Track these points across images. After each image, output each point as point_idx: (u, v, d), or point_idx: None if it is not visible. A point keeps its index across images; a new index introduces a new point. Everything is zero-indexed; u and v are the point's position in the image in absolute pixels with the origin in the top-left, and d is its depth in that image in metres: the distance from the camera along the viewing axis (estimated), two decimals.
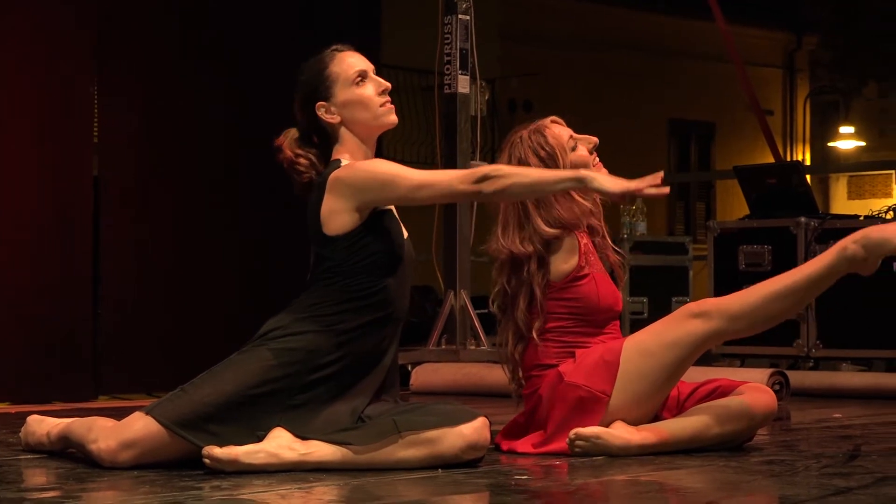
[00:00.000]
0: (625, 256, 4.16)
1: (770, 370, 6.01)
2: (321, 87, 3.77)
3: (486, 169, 3.63)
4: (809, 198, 7.39)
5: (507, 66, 16.39)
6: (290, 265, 7.05)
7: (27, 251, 6.28)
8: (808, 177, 7.93)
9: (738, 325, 3.88)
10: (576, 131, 4.15)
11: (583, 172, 3.70)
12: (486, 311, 7.78)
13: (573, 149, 4.04)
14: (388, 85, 3.81)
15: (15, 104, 6.27)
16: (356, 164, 3.70)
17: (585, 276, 3.98)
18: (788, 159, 18.52)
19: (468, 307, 6.92)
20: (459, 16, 7.01)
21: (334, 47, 3.84)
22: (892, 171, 21.46)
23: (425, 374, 6.70)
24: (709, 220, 8.48)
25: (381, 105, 3.77)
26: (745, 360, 7.20)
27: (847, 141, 22.17)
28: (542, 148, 4.00)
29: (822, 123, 23.23)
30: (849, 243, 3.75)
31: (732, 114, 19.81)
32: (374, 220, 3.67)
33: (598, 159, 4.10)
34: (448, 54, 7.00)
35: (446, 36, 7.01)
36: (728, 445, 3.94)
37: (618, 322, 4.08)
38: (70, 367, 6.36)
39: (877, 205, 8.14)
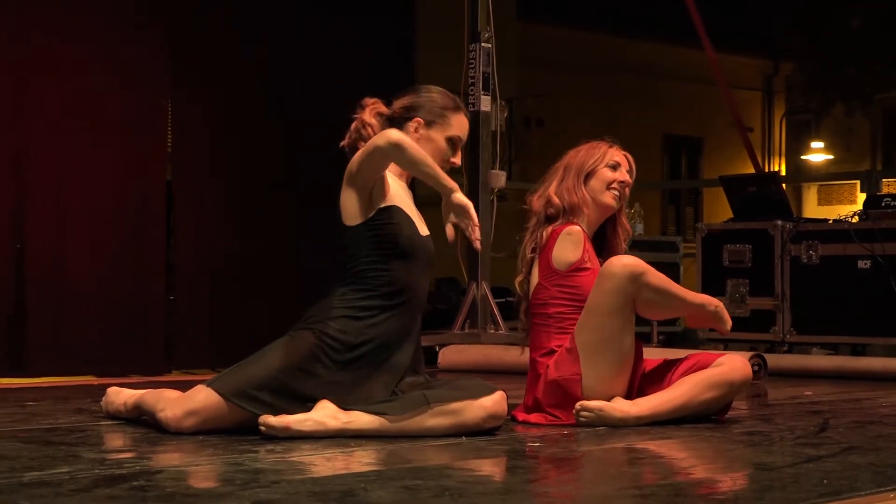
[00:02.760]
0: None
1: (750, 353, 5.98)
2: (431, 115, 3.79)
3: (390, 135, 3.58)
4: (785, 204, 7.35)
5: (523, 88, 16.35)
6: (338, 258, 7.07)
7: (109, 245, 6.30)
8: (783, 185, 7.87)
9: (641, 295, 3.80)
10: (579, 143, 4.16)
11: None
12: (504, 299, 7.78)
13: (592, 173, 4.06)
14: (458, 164, 3.85)
15: (100, 119, 6.31)
16: None
17: (588, 269, 3.97)
18: (767, 170, 18.43)
19: (488, 296, 6.91)
20: (482, 44, 7.00)
21: (461, 104, 3.88)
22: (857, 181, 21.32)
23: (451, 355, 6.69)
24: (697, 223, 8.43)
25: (443, 164, 3.77)
26: (728, 345, 7.16)
27: (818, 154, 22.08)
28: (574, 158, 4.07)
29: (796, 139, 23.14)
30: (712, 304, 3.90)
31: (718, 130, 19.74)
32: (384, 215, 3.64)
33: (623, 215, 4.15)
34: (472, 77, 6.99)
35: (471, 61, 7.00)
36: (713, 410, 3.92)
37: None
38: (146, 346, 6.38)
39: (843, 210, 8.08)
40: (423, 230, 3.75)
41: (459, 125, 3.82)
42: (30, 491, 2.55)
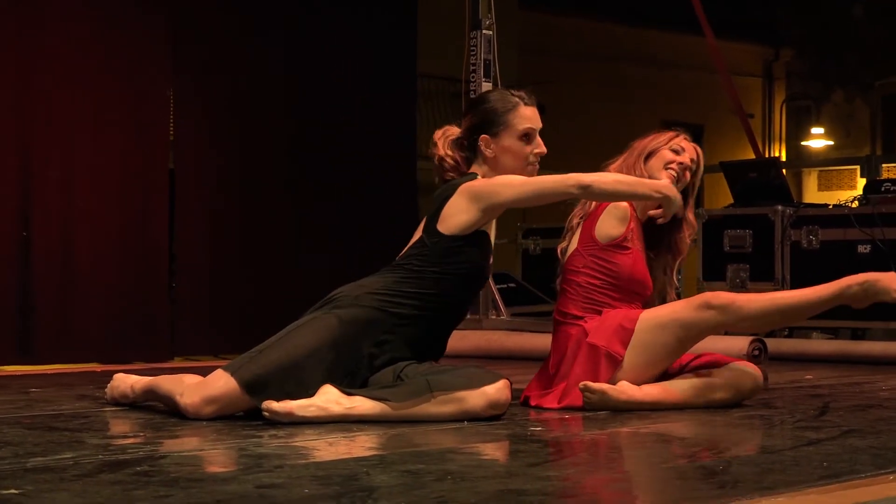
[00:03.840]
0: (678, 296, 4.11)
1: (751, 337, 5.96)
2: (493, 125, 3.77)
3: (579, 177, 3.62)
4: (785, 189, 7.34)
5: (524, 75, 16.34)
6: (340, 247, 7.09)
7: (114, 234, 6.32)
8: (783, 171, 7.86)
9: (743, 325, 3.87)
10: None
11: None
12: (505, 286, 7.77)
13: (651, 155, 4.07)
14: (545, 150, 3.80)
15: (104, 109, 6.33)
16: (488, 179, 3.71)
17: (628, 248, 3.94)
18: (767, 156, 18.42)
19: (490, 283, 6.91)
20: (483, 31, 6.99)
21: (521, 95, 3.82)
22: (856, 167, 21.34)
23: (453, 340, 6.56)
24: (698, 208, 8.42)
25: (528, 165, 3.76)
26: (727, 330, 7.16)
27: (818, 140, 22.10)
28: (641, 141, 4.06)
29: (797, 125, 23.15)
30: (853, 284, 3.77)
31: (718, 116, 19.73)
32: (476, 239, 3.65)
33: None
34: (474, 64, 6.98)
35: (472, 49, 6.99)
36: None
37: (640, 304, 4.00)
38: (149, 333, 6.40)
39: (843, 196, 8.08)
40: (491, 257, 3.76)
41: (524, 118, 3.77)
42: (34, 476, 2.55)
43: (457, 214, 3.62)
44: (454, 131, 3.85)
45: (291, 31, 7.08)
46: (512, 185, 3.63)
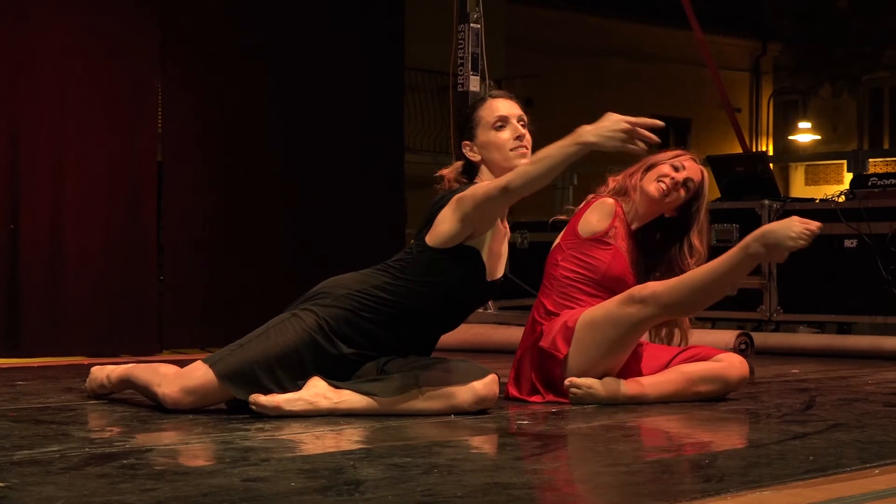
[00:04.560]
0: None
1: (737, 331, 5.99)
2: (468, 128, 3.72)
3: (504, 179, 3.46)
4: (772, 183, 7.35)
5: (512, 69, 16.34)
6: (328, 241, 7.08)
7: (101, 227, 6.30)
8: (770, 165, 7.87)
9: (669, 312, 3.78)
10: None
11: (581, 138, 3.37)
12: None
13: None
14: (524, 132, 3.69)
15: (93, 101, 6.32)
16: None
17: (609, 245, 3.92)
18: (754, 150, 18.44)
19: None
20: (471, 24, 6.98)
21: (491, 93, 3.79)
22: (843, 161, 21.40)
23: None
24: None
25: (513, 149, 3.66)
26: (715, 323, 7.17)
27: (805, 135, 22.15)
28: (653, 155, 4.02)
29: (784, 119, 23.20)
30: (750, 241, 3.62)
31: (706, 110, 19.76)
32: (462, 254, 3.55)
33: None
34: (461, 58, 6.97)
35: (460, 42, 6.98)
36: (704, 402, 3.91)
37: None
38: (137, 326, 6.39)
39: (829, 190, 8.09)
40: (495, 273, 3.64)
41: (494, 109, 3.70)
42: (20, 469, 2.55)
43: (441, 224, 3.55)
44: (459, 164, 3.81)
45: (285, 22, 7.06)
46: (476, 188, 3.52)
